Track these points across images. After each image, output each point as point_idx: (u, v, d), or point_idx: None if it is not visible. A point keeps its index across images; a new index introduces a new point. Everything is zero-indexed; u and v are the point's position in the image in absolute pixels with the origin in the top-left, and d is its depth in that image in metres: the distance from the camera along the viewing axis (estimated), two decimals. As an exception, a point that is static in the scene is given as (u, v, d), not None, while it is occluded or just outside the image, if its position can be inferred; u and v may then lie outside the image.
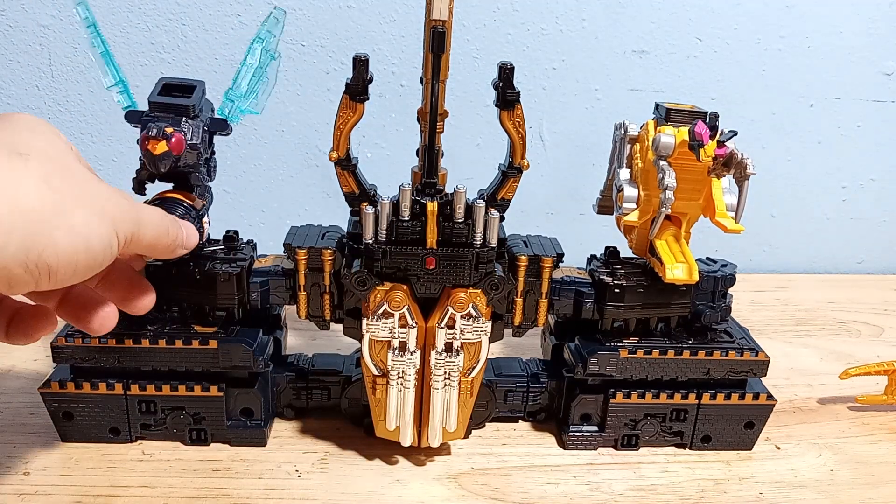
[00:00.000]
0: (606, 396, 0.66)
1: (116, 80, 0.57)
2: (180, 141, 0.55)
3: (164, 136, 0.54)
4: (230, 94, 0.59)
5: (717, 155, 0.57)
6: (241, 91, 0.58)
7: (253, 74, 0.58)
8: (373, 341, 0.59)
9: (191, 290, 0.61)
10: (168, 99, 0.57)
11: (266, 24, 0.58)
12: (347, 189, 0.62)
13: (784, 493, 0.63)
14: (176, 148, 0.55)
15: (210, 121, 0.59)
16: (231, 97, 0.59)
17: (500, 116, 0.60)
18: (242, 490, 0.60)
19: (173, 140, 0.54)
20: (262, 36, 0.58)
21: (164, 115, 0.57)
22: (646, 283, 0.64)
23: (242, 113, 0.59)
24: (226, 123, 0.59)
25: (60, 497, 0.58)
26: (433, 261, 0.58)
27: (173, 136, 0.54)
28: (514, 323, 0.65)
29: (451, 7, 0.53)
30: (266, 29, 0.58)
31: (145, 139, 0.54)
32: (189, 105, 0.57)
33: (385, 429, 0.62)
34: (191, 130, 0.57)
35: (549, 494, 0.62)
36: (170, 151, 0.54)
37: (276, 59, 0.58)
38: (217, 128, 0.59)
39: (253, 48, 0.58)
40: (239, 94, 0.59)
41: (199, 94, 0.58)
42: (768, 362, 0.66)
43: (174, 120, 0.56)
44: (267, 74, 0.58)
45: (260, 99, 0.59)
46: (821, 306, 1.02)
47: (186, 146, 0.56)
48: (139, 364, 0.62)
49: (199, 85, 0.59)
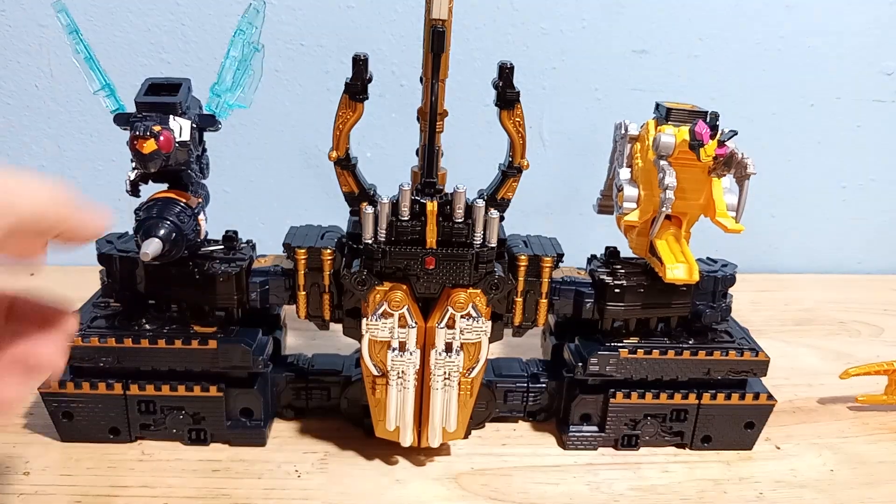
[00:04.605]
0: (606, 396, 0.66)
1: (102, 83, 0.57)
2: (169, 139, 0.55)
3: (152, 134, 0.54)
4: (216, 88, 0.59)
5: (718, 155, 0.57)
6: (226, 85, 0.58)
7: (237, 68, 0.58)
8: (372, 341, 0.59)
9: (190, 290, 0.61)
10: (154, 98, 0.57)
11: (246, 16, 0.58)
12: (347, 189, 0.61)
13: (784, 493, 0.63)
14: (165, 146, 0.54)
15: (199, 117, 0.59)
16: (217, 92, 0.59)
17: (500, 116, 0.60)
18: (242, 490, 0.60)
19: (161, 138, 0.54)
20: (243, 28, 0.57)
21: (151, 114, 0.56)
22: (646, 283, 0.64)
23: (230, 108, 0.59)
24: (214, 119, 0.59)
25: (60, 497, 0.58)
26: (433, 261, 0.58)
27: (161, 133, 0.54)
28: (514, 323, 0.64)
29: (451, 6, 0.53)
30: (247, 21, 0.57)
31: (133, 139, 0.54)
32: (176, 102, 0.57)
33: (385, 429, 0.62)
34: (179, 128, 0.57)
35: (549, 494, 0.62)
36: (159, 150, 0.54)
37: (260, 50, 0.58)
38: (206, 124, 0.59)
39: (234, 41, 0.58)
40: (224, 89, 0.58)
41: (186, 91, 0.58)
42: (768, 362, 0.66)
43: (161, 118, 0.56)
44: (252, 67, 0.58)
45: (247, 93, 0.59)
46: (821, 306, 1.02)
47: (175, 144, 0.56)
48: (139, 364, 0.62)
49: (185, 82, 0.59)
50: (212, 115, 0.59)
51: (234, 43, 0.58)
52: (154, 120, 0.55)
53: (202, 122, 0.59)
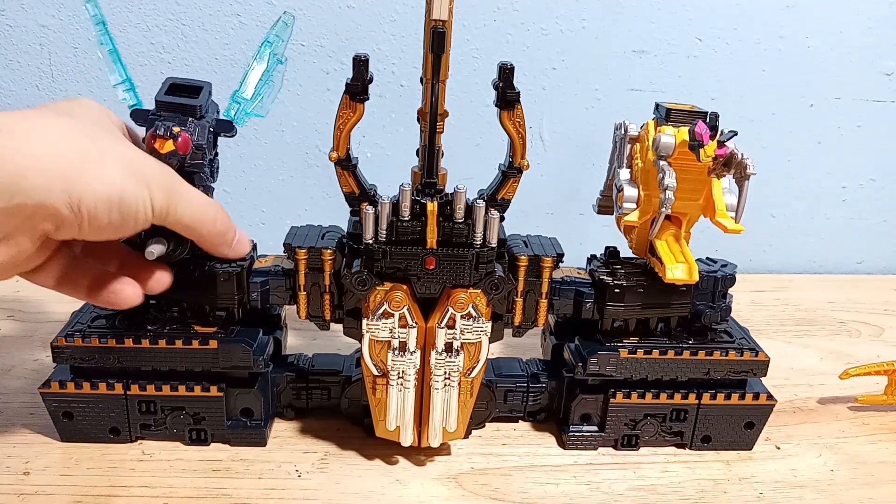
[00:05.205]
0: (606, 396, 0.66)
1: (123, 77, 0.58)
2: (187, 141, 0.55)
3: (172, 135, 0.54)
4: (237, 96, 0.59)
5: (718, 155, 0.57)
6: (247, 94, 0.59)
7: (260, 78, 0.58)
8: (373, 341, 0.59)
9: (191, 289, 0.61)
10: (175, 98, 0.57)
11: (275, 28, 0.58)
12: (347, 189, 0.62)
13: (784, 493, 0.63)
14: (182, 147, 0.55)
15: (216, 122, 0.59)
16: (238, 100, 0.59)
17: (500, 116, 0.60)
18: (242, 490, 0.60)
19: (180, 140, 0.54)
20: (271, 40, 0.58)
21: (170, 114, 0.57)
22: (646, 283, 0.64)
23: (248, 116, 0.59)
24: (231, 125, 0.59)
25: (60, 497, 0.58)
26: (433, 261, 0.58)
27: (180, 135, 0.54)
28: (514, 323, 0.64)
29: (451, 7, 0.53)
30: (275, 33, 0.58)
31: (152, 138, 0.54)
32: (196, 105, 0.57)
33: (385, 429, 0.62)
34: (197, 131, 0.57)
35: (549, 494, 0.62)
36: (176, 151, 0.54)
37: (284, 63, 0.59)
38: (222, 129, 0.59)
39: (262, 51, 0.58)
40: (246, 98, 0.59)
41: (206, 94, 0.58)
42: (768, 362, 0.66)
43: (181, 120, 0.56)
44: (273, 78, 0.59)
45: (265, 102, 0.59)
46: (821, 306, 1.02)
47: (192, 146, 0.56)
48: (139, 364, 0.62)
49: (206, 86, 0.59)
50: (229, 122, 0.59)
51: (261, 54, 0.58)
52: (173, 121, 0.56)
53: (219, 128, 0.59)
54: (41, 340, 0.80)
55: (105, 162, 0.46)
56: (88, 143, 0.46)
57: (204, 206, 0.52)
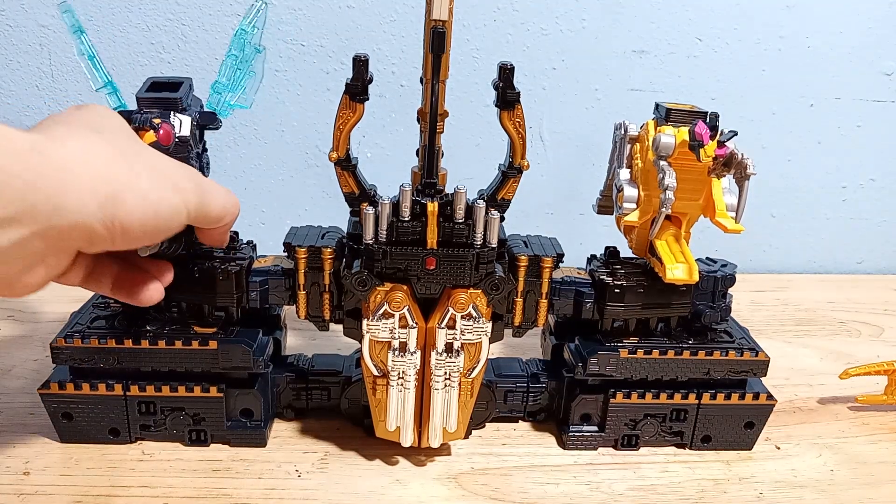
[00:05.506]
0: (606, 396, 0.66)
1: (105, 81, 0.58)
2: (168, 132, 0.55)
3: (152, 126, 0.54)
4: (216, 86, 0.59)
5: (718, 155, 0.57)
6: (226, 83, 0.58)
7: (238, 67, 0.58)
8: (373, 342, 0.59)
9: (190, 289, 0.61)
10: (156, 94, 0.57)
11: (248, 17, 0.58)
12: (347, 189, 0.61)
13: (784, 493, 0.63)
14: (164, 139, 0.54)
15: (199, 115, 0.59)
16: (218, 90, 0.59)
17: (500, 116, 0.60)
18: (242, 490, 0.60)
19: (161, 131, 0.54)
20: (245, 28, 0.58)
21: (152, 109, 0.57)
22: (646, 283, 0.64)
23: (231, 108, 0.59)
24: (215, 116, 0.59)
25: (60, 497, 0.58)
26: (433, 261, 0.58)
27: (161, 126, 0.54)
28: (514, 323, 0.64)
29: (451, 7, 0.53)
30: (248, 21, 0.58)
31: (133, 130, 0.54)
32: (177, 98, 0.57)
33: (385, 429, 0.62)
34: (179, 123, 0.57)
35: (549, 494, 0.62)
36: (158, 142, 0.54)
37: (262, 52, 0.58)
38: (206, 121, 0.59)
39: (235, 41, 0.58)
40: (224, 87, 0.59)
41: (187, 88, 0.59)
42: (768, 362, 0.66)
43: (162, 113, 0.56)
44: (253, 68, 0.59)
45: (248, 93, 0.59)
46: (821, 306, 1.02)
47: (175, 139, 0.56)
48: (139, 365, 0.62)
49: (186, 81, 0.59)
50: (212, 113, 0.59)
51: (235, 43, 0.58)
52: (154, 114, 0.55)
53: (203, 120, 0.59)
54: (41, 341, 0.80)
55: (139, 179, 0.45)
56: (124, 161, 0.45)
57: (226, 196, 0.53)
